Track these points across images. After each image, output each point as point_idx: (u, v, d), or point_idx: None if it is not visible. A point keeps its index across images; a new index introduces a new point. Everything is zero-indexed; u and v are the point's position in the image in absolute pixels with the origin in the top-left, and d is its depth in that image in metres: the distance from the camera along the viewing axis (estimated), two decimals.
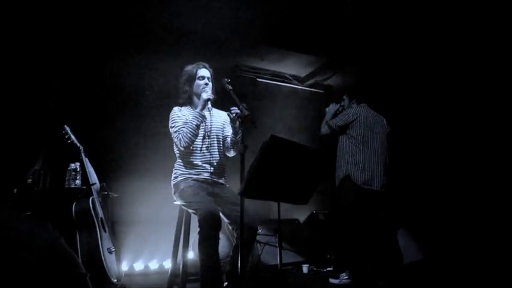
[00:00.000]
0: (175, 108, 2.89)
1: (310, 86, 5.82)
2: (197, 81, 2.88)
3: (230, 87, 2.70)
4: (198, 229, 2.49)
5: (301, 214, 4.88)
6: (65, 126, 3.20)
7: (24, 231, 0.92)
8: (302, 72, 5.62)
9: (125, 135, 4.25)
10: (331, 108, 3.91)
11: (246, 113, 2.50)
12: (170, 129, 2.82)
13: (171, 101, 3.05)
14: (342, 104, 3.92)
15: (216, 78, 2.93)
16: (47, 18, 3.46)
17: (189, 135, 2.69)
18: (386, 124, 3.82)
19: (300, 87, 5.78)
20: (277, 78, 5.58)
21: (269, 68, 5.41)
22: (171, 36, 4.18)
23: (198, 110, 2.75)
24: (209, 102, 2.80)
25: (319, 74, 5.58)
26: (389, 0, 4.00)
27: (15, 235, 0.88)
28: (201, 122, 2.75)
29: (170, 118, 2.84)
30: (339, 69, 5.47)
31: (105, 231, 3.11)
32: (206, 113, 2.86)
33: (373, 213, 3.57)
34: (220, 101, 2.94)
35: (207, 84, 2.86)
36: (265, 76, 5.47)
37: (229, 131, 2.91)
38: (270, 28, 4.44)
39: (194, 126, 2.70)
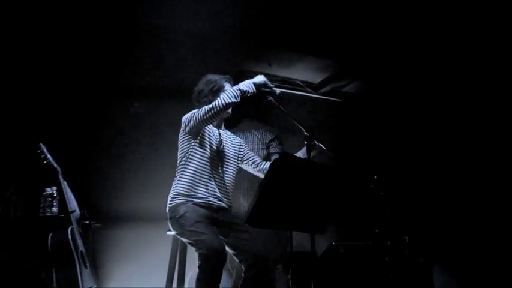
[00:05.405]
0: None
1: (325, 94, 5.82)
2: None
3: (276, 101, 2.87)
4: (198, 263, 2.48)
5: (318, 246, 4.82)
6: (40, 144, 3.20)
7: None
8: (316, 79, 5.62)
9: (112, 154, 4.24)
10: None
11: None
12: (192, 116, 2.78)
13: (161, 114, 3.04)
14: None
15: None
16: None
17: (227, 100, 2.70)
18: None
19: (313, 95, 5.78)
20: (287, 86, 5.58)
21: (278, 74, 5.42)
22: (167, 39, 4.21)
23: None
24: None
25: (336, 80, 5.57)
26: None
27: None
28: (238, 99, 2.76)
29: (190, 114, 2.80)
30: (358, 74, 5.46)
31: (85, 267, 3.14)
32: (220, 131, 2.99)
33: None
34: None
35: None
36: (273, 83, 5.47)
37: (251, 153, 3.08)
38: (276, 28, 4.46)
39: (235, 94, 2.73)
